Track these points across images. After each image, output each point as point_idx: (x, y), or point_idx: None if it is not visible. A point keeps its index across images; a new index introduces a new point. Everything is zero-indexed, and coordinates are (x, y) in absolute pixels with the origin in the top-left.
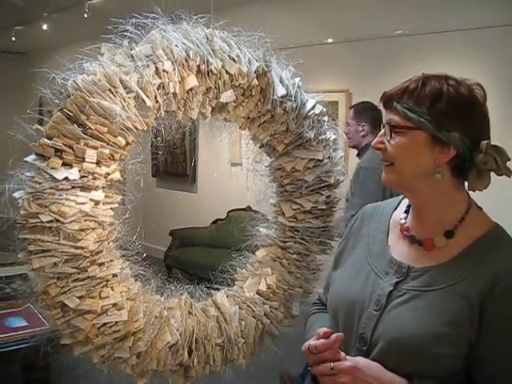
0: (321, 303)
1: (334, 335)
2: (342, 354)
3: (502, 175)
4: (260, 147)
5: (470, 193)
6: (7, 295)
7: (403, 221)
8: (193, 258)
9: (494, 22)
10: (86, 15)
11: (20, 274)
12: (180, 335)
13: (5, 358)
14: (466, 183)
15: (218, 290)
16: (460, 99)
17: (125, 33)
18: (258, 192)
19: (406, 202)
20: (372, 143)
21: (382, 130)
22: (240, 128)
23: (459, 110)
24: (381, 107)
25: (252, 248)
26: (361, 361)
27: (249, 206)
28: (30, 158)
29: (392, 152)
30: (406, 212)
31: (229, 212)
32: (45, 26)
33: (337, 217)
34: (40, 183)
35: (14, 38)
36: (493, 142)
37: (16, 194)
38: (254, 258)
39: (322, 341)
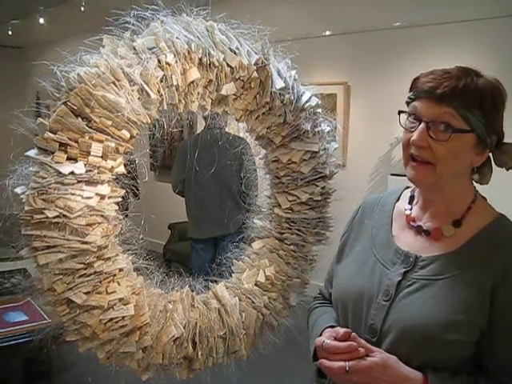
0: (322, 297)
1: (347, 343)
2: (366, 345)
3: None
4: (256, 139)
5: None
6: (7, 290)
7: (408, 211)
8: (189, 252)
9: (493, 13)
10: (82, 8)
11: (19, 268)
12: (184, 328)
13: (5, 353)
14: None
15: (215, 282)
16: (502, 100)
17: (125, 25)
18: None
19: (407, 193)
20: (413, 140)
21: (423, 125)
22: (238, 120)
23: (500, 112)
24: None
25: (248, 240)
26: (377, 359)
27: None
28: (32, 153)
29: (440, 153)
30: (410, 203)
31: None
32: (41, 20)
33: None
34: (44, 178)
35: (10, 32)
36: None
37: (18, 190)
38: (251, 249)
39: (335, 344)
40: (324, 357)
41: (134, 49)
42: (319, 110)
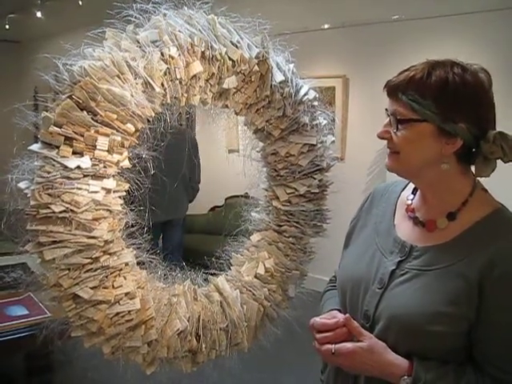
0: (335, 279)
1: (334, 320)
2: (358, 329)
3: (508, 162)
4: (254, 133)
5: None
6: (8, 284)
7: (409, 201)
8: (190, 245)
9: (492, 6)
10: (80, 2)
11: (20, 263)
12: (188, 321)
13: (6, 347)
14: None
15: (215, 275)
16: (466, 89)
17: (126, 18)
18: (254, 178)
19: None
20: (377, 133)
21: (387, 120)
22: (237, 114)
23: (465, 100)
24: (384, 95)
25: (246, 233)
26: (364, 344)
27: (246, 193)
28: (36, 147)
29: (398, 143)
30: (413, 193)
31: (226, 199)
32: (39, 14)
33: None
34: (50, 172)
35: (7, 26)
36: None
37: (22, 184)
38: (249, 242)
39: (323, 321)
40: (313, 335)
41: (138, 42)
42: (316, 103)
